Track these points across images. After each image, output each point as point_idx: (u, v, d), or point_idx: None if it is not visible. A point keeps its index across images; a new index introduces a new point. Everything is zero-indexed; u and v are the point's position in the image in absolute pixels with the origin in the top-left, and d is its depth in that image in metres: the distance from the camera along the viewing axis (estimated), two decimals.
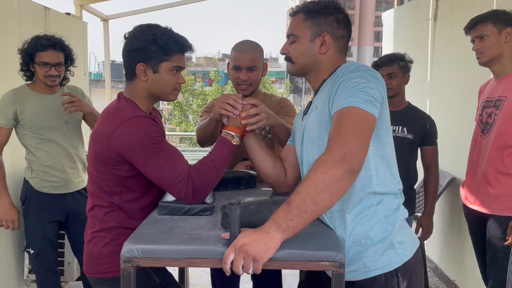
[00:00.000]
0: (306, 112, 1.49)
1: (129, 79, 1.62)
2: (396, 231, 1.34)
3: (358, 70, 1.32)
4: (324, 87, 1.42)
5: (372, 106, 1.25)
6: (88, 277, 1.69)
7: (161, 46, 1.54)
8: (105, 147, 1.52)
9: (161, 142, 1.51)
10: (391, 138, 1.40)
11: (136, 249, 1.19)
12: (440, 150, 2.76)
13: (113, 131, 1.49)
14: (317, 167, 1.17)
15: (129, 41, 1.59)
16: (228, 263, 1.14)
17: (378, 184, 1.34)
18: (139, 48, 1.55)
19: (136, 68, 1.56)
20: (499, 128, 2.07)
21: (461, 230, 3.24)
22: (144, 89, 1.60)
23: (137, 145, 1.48)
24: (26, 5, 3.18)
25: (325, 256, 1.17)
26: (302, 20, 1.45)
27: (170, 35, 1.57)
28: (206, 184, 1.52)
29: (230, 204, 1.18)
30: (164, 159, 1.49)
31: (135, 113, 1.53)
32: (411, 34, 4.51)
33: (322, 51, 1.43)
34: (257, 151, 1.61)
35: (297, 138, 1.54)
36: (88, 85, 4.46)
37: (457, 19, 3.42)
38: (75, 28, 4.00)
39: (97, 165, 1.58)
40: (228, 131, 1.59)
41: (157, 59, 1.56)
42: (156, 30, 1.56)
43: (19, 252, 3.05)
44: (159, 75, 1.57)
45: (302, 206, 1.14)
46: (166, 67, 1.57)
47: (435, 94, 3.88)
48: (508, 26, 2.07)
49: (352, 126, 1.21)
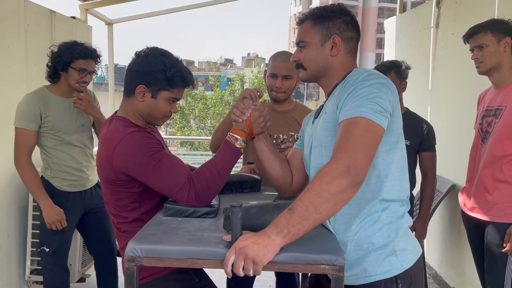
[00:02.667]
0: (316, 116, 1.50)
1: (126, 96, 1.68)
2: (399, 238, 1.35)
3: (369, 79, 1.32)
4: (334, 92, 1.43)
5: (381, 117, 1.25)
6: None
7: (167, 77, 1.61)
8: (110, 170, 1.58)
9: (157, 153, 1.55)
10: (403, 144, 1.40)
11: (139, 249, 1.21)
12: (440, 157, 2.78)
13: (111, 154, 1.56)
14: (322, 177, 1.18)
15: (139, 61, 1.63)
16: (229, 265, 1.16)
17: (387, 191, 1.34)
18: (146, 71, 1.61)
19: (136, 88, 1.62)
20: (497, 136, 2.09)
21: (461, 237, 3.25)
22: (138, 109, 1.66)
23: (134, 160, 1.54)
24: (32, 9, 3.22)
25: (324, 260, 1.18)
26: (310, 26, 1.46)
27: (179, 69, 1.63)
28: (208, 188, 1.54)
29: (232, 207, 1.20)
30: (163, 169, 1.53)
31: (127, 131, 1.58)
32: (412, 42, 4.54)
33: (334, 53, 1.44)
34: (265, 153, 1.61)
35: (305, 141, 1.55)
36: (92, 88, 4.48)
37: (458, 27, 3.45)
38: (80, 32, 4.04)
39: (110, 189, 1.64)
40: (233, 134, 1.60)
41: (159, 87, 1.62)
42: (167, 60, 1.62)
43: (21, 253, 3.07)
44: (156, 101, 1.64)
45: (305, 213, 1.16)
46: (165, 96, 1.64)
47: (436, 101, 3.90)
48: (507, 36, 2.09)
49: (359, 138, 1.21)
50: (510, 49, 2.09)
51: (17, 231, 3.03)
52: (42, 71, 3.34)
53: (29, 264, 3.08)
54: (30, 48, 3.16)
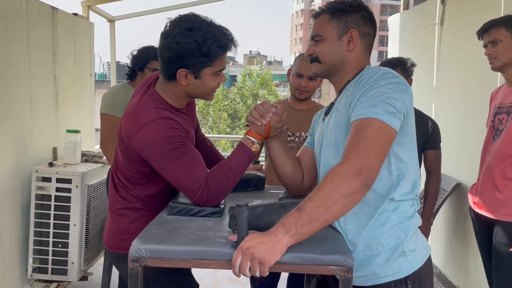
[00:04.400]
0: (327, 114, 1.48)
1: (167, 79, 1.58)
2: (408, 238, 1.33)
3: (383, 78, 1.30)
4: (347, 89, 1.40)
5: (394, 118, 1.24)
6: (109, 252, 1.74)
7: (204, 53, 1.49)
8: (128, 148, 1.55)
9: (181, 148, 1.49)
10: (415, 143, 1.38)
11: (144, 249, 1.19)
12: (445, 155, 2.75)
13: (134, 134, 1.50)
14: (333, 177, 1.16)
15: (168, 44, 1.51)
16: (237, 266, 1.14)
17: (398, 191, 1.32)
18: (180, 55, 1.49)
19: (177, 73, 1.53)
20: (509, 134, 2.07)
21: (466, 235, 3.23)
22: (183, 91, 1.58)
23: (155, 150, 1.48)
24: (34, 5, 3.19)
25: (333, 260, 1.17)
26: (327, 20, 1.43)
27: (213, 38, 1.50)
28: (221, 191, 1.52)
29: (238, 206, 1.18)
30: (181, 166, 1.48)
31: (157, 115, 1.50)
32: (417, 39, 4.50)
33: (350, 48, 1.41)
34: (278, 152, 1.59)
35: (316, 139, 1.53)
36: (94, 86, 4.47)
37: (464, 24, 3.42)
38: (82, 29, 4.01)
39: (125, 161, 1.61)
40: (249, 136, 1.57)
41: (200, 66, 1.52)
42: (197, 34, 1.48)
43: (23, 251, 3.06)
44: (201, 80, 1.55)
45: (315, 214, 1.14)
46: (209, 72, 1.54)
47: (441, 99, 3.87)
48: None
49: (372, 140, 1.20)
50: None
51: (19, 229, 3.02)
52: (44, 68, 3.34)
53: (31, 262, 3.06)
54: (32, 45, 3.14)
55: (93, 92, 4.37)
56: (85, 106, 4.14)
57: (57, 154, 3.48)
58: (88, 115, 4.21)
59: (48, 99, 3.41)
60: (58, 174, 3.05)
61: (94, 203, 3.21)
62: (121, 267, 1.74)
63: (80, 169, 3.13)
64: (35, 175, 3.03)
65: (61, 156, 3.40)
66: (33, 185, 3.03)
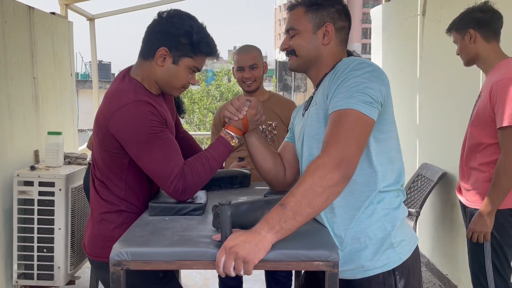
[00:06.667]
0: (306, 108, 1.47)
1: (144, 58, 1.54)
2: (395, 230, 1.32)
3: (359, 68, 1.29)
4: (324, 82, 1.39)
5: (371, 108, 1.23)
6: (91, 260, 1.66)
7: (192, 42, 1.49)
8: (106, 133, 1.48)
9: (157, 134, 1.45)
10: (395, 131, 1.37)
11: (125, 252, 1.15)
12: (430, 145, 2.76)
13: (110, 117, 1.44)
14: (314, 171, 1.15)
15: (163, 21, 1.50)
16: (221, 266, 1.12)
17: (381, 181, 1.31)
18: (170, 33, 1.48)
19: (157, 50, 1.49)
20: (472, 124, 2.15)
21: (453, 224, 3.25)
22: (155, 74, 1.53)
23: (132, 133, 1.43)
24: (10, 5, 3.12)
25: (318, 256, 1.15)
26: (302, 13, 1.42)
27: (206, 34, 1.52)
28: (197, 183, 1.48)
29: (220, 205, 1.15)
30: (159, 152, 1.44)
31: (135, 97, 1.46)
32: (399, 30, 4.51)
33: (325, 42, 1.40)
34: (258, 148, 1.58)
35: (296, 134, 1.51)
36: (75, 86, 4.39)
37: (445, 14, 3.42)
38: (60, 28, 3.94)
39: (102, 153, 1.54)
40: (229, 131, 1.55)
41: (182, 52, 1.50)
42: (194, 23, 1.49)
43: (7, 257, 2.99)
44: (177, 67, 1.51)
45: (298, 208, 1.13)
46: (187, 63, 1.52)
47: (424, 89, 3.89)
48: (470, 28, 2.11)
49: (350, 131, 1.19)
50: (479, 37, 2.10)
51: (2, 235, 2.95)
52: (23, 69, 3.26)
53: (16, 268, 3.00)
54: (8, 46, 3.07)
55: (74, 92, 4.29)
56: (67, 107, 4.06)
57: (39, 157, 3.41)
58: (70, 116, 4.14)
59: (27, 101, 3.33)
60: (41, 177, 2.99)
61: (78, 205, 3.16)
62: (105, 277, 1.68)
63: (63, 171, 3.07)
64: (17, 179, 2.97)
65: (43, 159, 3.33)
66: (15, 190, 2.97)
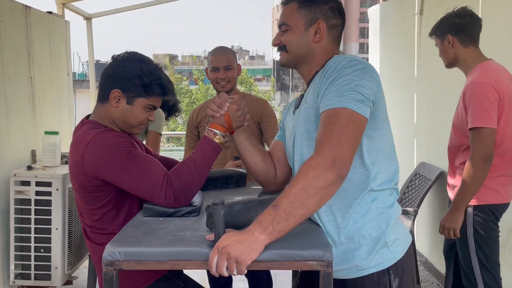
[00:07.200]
0: (297, 106, 1.45)
1: (101, 101, 1.60)
2: (390, 229, 1.32)
3: (349, 66, 1.28)
4: (314, 80, 1.38)
5: (363, 106, 1.22)
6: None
7: (144, 84, 1.54)
8: (83, 176, 1.50)
9: (130, 153, 1.47)
10: (388, 129, 1.36)
11: (118, 252, 1.15)
12: (428, 144, 2.76)
13: (81, 158, 1.48)
14: (307, 171, 1.14)
15: (115, 65, 1.57)
16: (214, 266, 1.11)
17: (374, 180, 1.31)
18: (122, 76, 1.54)
19: (110, 92, 1.54)
20: (453, 126, 2.23)
21: None
22: (112, 115, 1.58)
23: (106, 162, 1.46)
24: (6, 4, 3.10)
25: (312, 256, 1.14)
26: (295, 9, 1.41)
27: (157, 76, 1.56)
28: (187, 186, 1.47)
29: (213, 205, 1.15)
30: (137, 169, 1.45)
31: (97, 131, 1.50)
32: (397, 29, 4.50)
33: (316, 39, 1.39)
34: (246, 147, 1.57)
35: (287, 133, 1.50)
36: (72, 86, 4.38)
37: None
38: (57, 27, 3.92)
39: (85, 197, 1.55)
40: (212, 128, 1.54)
41: (135, 93, 1.55)
42: (145, 67, 1.55)
43: (4, 257, 2.99)
44: (131, 107, 1.57)
45: (291, 210, 1.12)
46: (142, 103, 1.57)
47: (422, 88, 3.88)
48: (448, 34, 2.21)
49: (343, 130, 1.18)
50: (457, 42, 2.20)
51: None
52: (19, 69, 3.25)
53: (13, 269, 2.99)
54: (5, 46, 3.06)
55: (71, 92, 4.28)
56: (64, 106, 4.05)
57: (36, 157, 3.40)
58: (67, 115, 4.13)
59: (24, 100, 3.32)
60: (38, 177, 2.98)
61: (76, 205, 3.14)
62: None
63: (60, 171, 3.06)
64: (13, 179, 2.96)
65: (40, 159, 3.33)
66: (11, 190, 2.96)
